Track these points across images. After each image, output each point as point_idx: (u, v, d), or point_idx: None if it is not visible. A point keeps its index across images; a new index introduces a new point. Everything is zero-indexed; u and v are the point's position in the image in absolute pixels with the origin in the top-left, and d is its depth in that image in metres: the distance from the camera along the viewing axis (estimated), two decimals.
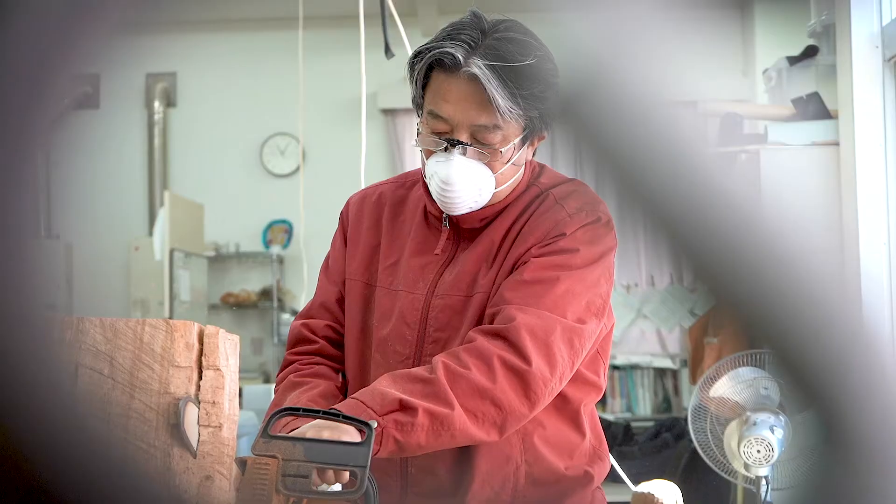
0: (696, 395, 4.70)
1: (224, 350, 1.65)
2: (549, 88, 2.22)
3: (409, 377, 2.09)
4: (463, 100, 2.21)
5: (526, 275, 2.22)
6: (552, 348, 2.14)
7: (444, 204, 2.30)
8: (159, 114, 9.40)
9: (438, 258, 2.36)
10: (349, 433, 1.91)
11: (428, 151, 2.30)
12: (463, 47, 2.19)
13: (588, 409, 2.42)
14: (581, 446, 2.39)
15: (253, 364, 9.02)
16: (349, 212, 2.53)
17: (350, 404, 2.02)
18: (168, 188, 9.13)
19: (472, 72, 2.17)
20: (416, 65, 2.27)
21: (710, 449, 4.65)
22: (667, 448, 6.76)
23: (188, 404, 1.58)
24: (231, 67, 9.34)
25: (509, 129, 2.23)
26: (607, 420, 7.32)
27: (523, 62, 2.18)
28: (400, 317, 2.34)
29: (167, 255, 8.21)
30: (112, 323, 1.56)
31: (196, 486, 1.59)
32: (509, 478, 2.31)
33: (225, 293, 9.41)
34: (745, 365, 4.58)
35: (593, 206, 2.32)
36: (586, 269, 2.24)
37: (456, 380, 2.06)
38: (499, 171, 2.27)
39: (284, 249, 9.31)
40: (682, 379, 8.23)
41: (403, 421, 2.00)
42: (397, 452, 2.03)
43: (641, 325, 8.33)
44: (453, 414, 2.04)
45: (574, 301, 2.21)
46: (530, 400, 2.12)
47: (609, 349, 2.45)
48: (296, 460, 1.79)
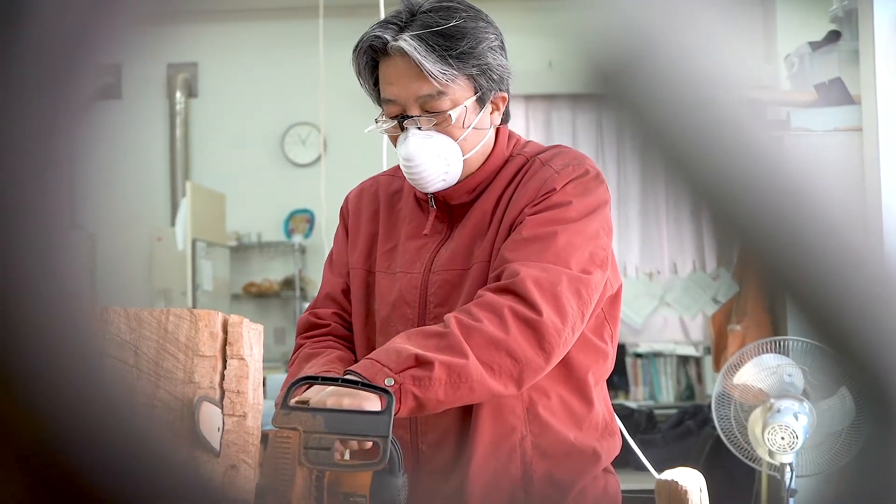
0: (719, 382, 4.69)
1: (248, 339, 1.65)
2: (480, 44, 2.26)
3: (422, 333, 2.10)
4: (402, 76, 2.26)
5: (524, 232, 2.24)
6: (560, 299, 2.15)
7: (414, 181, 2.33)
8: (181, 104, 9.41)
9: (432, 238, 2.38)
10: (369, 400, 1.90)
11: (393, 139, 2.35)
12: (392, 29, 2.26)
13: (598, 379, 2.41)
14: (589, 418, 2.38)
15: (276, 353, 9.03)
16: (348, 207, 2.58)
17: (365, 364, 2.02)
18: (190, 178, 9.15)
19: (399, 46, 2.22)
20: (356, 60, 2.34)
21: (733, 436, 4.64)
22: (690, 436, 6.75)
23: (203, 403, 1.58)
24: (252, 57, 9.34)
25: (455, 93, 2.27)
26: (630, 408, 7.30)
27: (447, 25, 2.23)
28: (399, 297, 2.36)
29: (189, 246, 8.23)
30: (136, 313, 1.56)
31: (221, 474, 1.60)
32: (515, 449, 2.30)
33: (247, 283, 9.43)
34: (768, 352, 4.57)
35: (579, 161, 2.34)
36: (583, 222, 2.25)
37: (470, 332, 2.06)
38: (460, 136, 2.30)
39: (306, 239, 9.32)
40: (706, 366, 8.20)
41: (420, 376, 2.00)
42: (417, 409, 2.03)
43: (664, 313, 8.30)
44: (468, 364, 2.03)
45: (576, 252, 2.21)
46: (545, 350, 2.12)
47: (617, 316, 2.44)
48: (317, 432, 1.77)
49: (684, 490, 2.10)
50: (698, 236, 8.31)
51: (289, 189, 9.31)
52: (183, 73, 9.44)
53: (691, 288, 8.01)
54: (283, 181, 9.36)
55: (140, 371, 1.54)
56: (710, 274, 8.08)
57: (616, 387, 8.04)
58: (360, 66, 2.33)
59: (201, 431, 1.57)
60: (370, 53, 2.30)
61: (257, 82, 9.36)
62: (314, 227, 9.26)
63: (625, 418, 6.25)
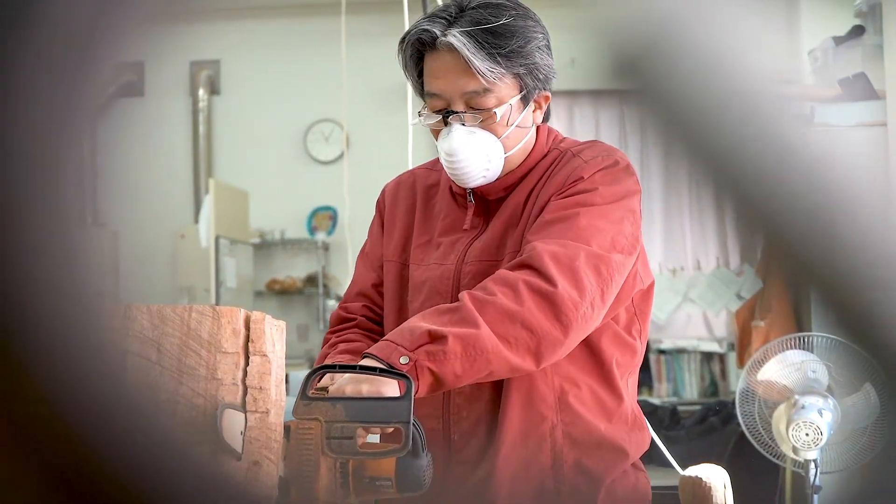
0: (743, 378, 4.68)
1: (270, 336, 1.65)
2: (528, 43, 2.26)
3: (436, 311, 2.09)
4: (449, 71, 2.26)
5: (547, 216, 2.24)
6: (577, 272, 2.13)
7: (455, 176, 2.33)
8: (203, 101, 9.43)
9: (468, 232, 2.38)
10: (388, 385, 1.90)
11: (435, 132, 2.35)
12: (440, 23, 2.25)
13: (625, 372, 2.40)
14: (619, 411, 2.38)
15: (299, 350, 9.05)
16: (385, 199, 2.58)
17: (381, 345, 2.01)
18: (213, 176, 9.17)
19: (449, 41, 2.22)
20: (402, 52, 2.34)
21: (758, 433, 4.63)
22: (714, 432, 6.73)
23: (225, 411, 1.58)
24: (274, 54, 9.36)
25: (501, 91, 2.27)
26: (654, 404, 7.29)
27: (497, 22, 2.23)
28: (432, 288, 2.36)
29: (213, 243, 8.25)
30: (159, 310, 1.57)
31: (244, 471, 1.60)
32: (545, 438, 2.30)
33: (270, 280, 9.44)
34: (792, 348, 4.55)
35: (610, 153, 2.34)
36: (607, 207, 2.24)
37: (483, 306, 2.05)
38: (503, 134, 2.30)
39: (329, 236, 9.33)
40: (729, 362, 8.19)
41: (434, 350, 1.98)
42: (436, 385, 2.01)
43: (688, 309, 8.29)
44: (481, 333, 2.01)
45: (598, 234, 2.20)
46: (562, 323, 2.09)
47: (648, 312, 2.44)
48: (338, 421, 1.77)
49: (708, 486, 2.09)
50: (722, 232, 8.30)
51: (312, 186, 9.32)
52: (206, 70, 9.46)
53: (715, 284, 7.99)
54: (306, 178, 9.37)
55: (163, 368, 1.55)
56: (733, 270, 8.07)
57: (640, 383, 8.00)
58: (405, 57, 2.33)
59: (224, 438, 1.57)
60: (417, 46, 2.30)
61: (280, 79, 9.37)
62: (337, 224, 9.27)
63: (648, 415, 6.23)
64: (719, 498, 2.10)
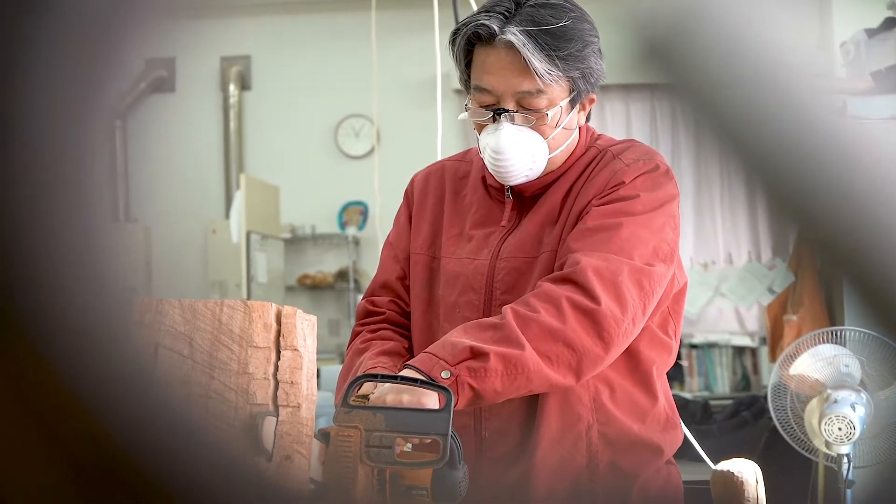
0: (775, 372, 4.66)
1: (302, 330, 1.66)
2: (586, 47, 2.25)
3: (479, 326, 2.09)
4: (504, 69, 2.24)
5: (589, 223, 2.23)
6: (621, 288, 2.13)
7: (499, 174, 2.32)
8: (234, 97, 9.46)
9: (504, 228, 2.37)
10: (429, 397, 1.91)
11: (479, 126, 2.34)
12: (498, 18, 2.23)
13: (661, 372, 2.40)
14: (653, 411, 2.38)
15: (330, 345, 9.07)
16: (414, 189, 2.57)
17: (422, 358, 2.02)
18: (244, 171, 9.19)
19: (508, 39, 2.20)
20: (456, 43, 2.31)
21: (790, 427, 4.61)
22: (746, 426, 6.71)
23: (266, 419, 1.59)
24: (304, 50, 9.37)
25: (554, 93, 2.25)
26: (685, 398, 7.27)
27: (558, 24, 2.21)
28: (466, 283, 2.36)
29: (244, 238, 8.27)
30: (191, 304, 1.57)
31: (275, 465, 1.60)
32: (582, 437, 2.30)
33: (301, 275, 9.47)
34: (825, 342, 4.53)
35: (650, 156, 2.33)
36: (649, 215, 2.24)
37: (526, 323, 2.05)
38: (550, 135, 2.29)
39: (360, 231, 9.34)
40: (761, 357, 8.16)
41: (476, 367, 1.99)
42: (475, 401, 2.03)
43: (719, 303, 8.27)
44: (525, 354, 2.02)
45: (640, 245, 2.20)
46: (604, 340, 2.10)
47: (681, 311, 2.44)
48: (377, 430, 1.78)
49: (741, 481, 2.08)
50: (753, 226, 8.26)
51: (342, 181, 9.33)
52: (236, 65, 9.49)
53: (747, 278, 7.96)
54: (337, 173, 9.39)
55: (194, 362, 1.55)
56: (765, 264, 8.03)
57: (671, 377, 7.99)
58: (457, 48, 2.31)
59: (265, 446, 1.58)
60: (470, 38, 2.28)
61: (310, 75, 9.39)
62: (368, 219, 9.28)
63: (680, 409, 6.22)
64: (751, 492, 2.10)
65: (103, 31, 0.73)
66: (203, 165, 9.40)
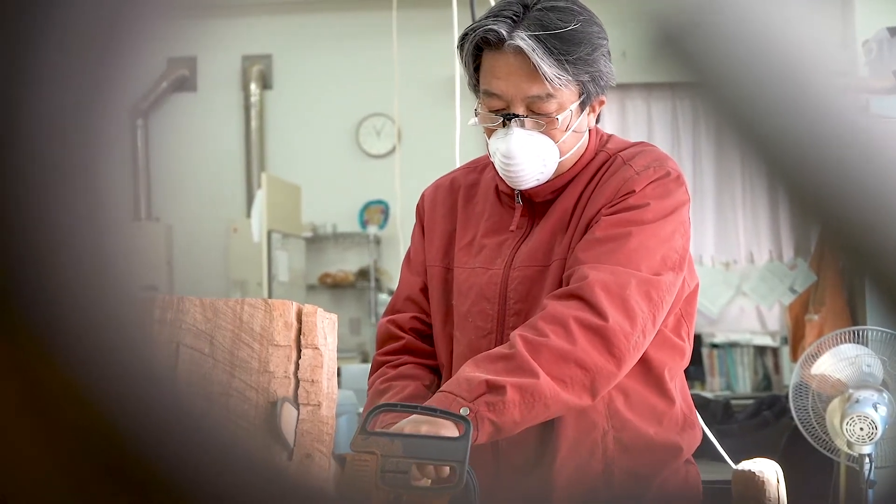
0: (797, 372, 4.65)
1: (322, 329, 1.66)
2: (595, 51, 2.24)
3: (489, 358, 2.09)
4: (513, 73, 2.23)
5: (598, 233, 2.22)
6: (629, 302, 2.13)
7: (510, 178, 2.31)
8: (255, 96, 9.48)
9: (514, 234, 2.37)
10: (447, 427, 1.91)
11: (489, 131, 2.33)
12: (506, 23, 2.21)
13: (675, 374, 2.40)
14: (670, 413, 2.37)
15: (351, 344, 9.08)
16: (424, 204, 2.57)
17: (439, 398, 2.03)
18: (265, 170, 9.21)
19: (517, 44, 2.19)
20: (464, 47, 2.30)
21: (811, 427, 4.60)
22: (767, 426, 6.69)
23: (285, 405, 1.59)
24: (326, 49, 9.38)
25: (563, 97, 2.24)
26: (706, 398, 7.25)
27: (566, 28, 2.20)
28: (479, 293, 2.35)
29: (265, 237, 8.29)
30: (212, 303, 1.58)
31: (296, 463, 1.61)
32: (598, 444, 2.30)
33: (322, 273, 9.48)
34: (847, 342, 4.52)
35: (661, 163, 2.32)
36: (658, 224, 2.23)
37: (537, 349, 2.05)
38: (560, 139, 2.28)
39: (381, 230, 9.35)
40: (783, 356, 8.14)
41: (494, 401, 1.99)
42: (496, 434, 2.03)
43: (741, 303, 8.24)
44: (540, 382, 2.02)
45: (648, 255, 2.20)
46: (615, 356, 2.10)
47: (693, 313, 2.43)
48: (394, 456, 1.79)
49: (762, 480, 2.08)
50: (775, 225, 8.24)
51: (363, 180, 9.34)
52: (258, 64, 9.50)
53: (768, 277, 7.94)
54: (358, 172, 9.39)
55: (215, 360, 1.56)
56: (787, 263, 8.00)
57: (692, 377, 7.98)
58: (465, 53, 2.30)
59: (282, 431, 1.58)
60: (478, 43, 2.27)
61: (332, 73, 9.40)
62: (389, 218, 9.29)
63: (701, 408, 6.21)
64: (772, 492, 2.09)
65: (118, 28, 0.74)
66: (224, 164, 9.42)
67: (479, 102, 2.33)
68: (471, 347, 2.29)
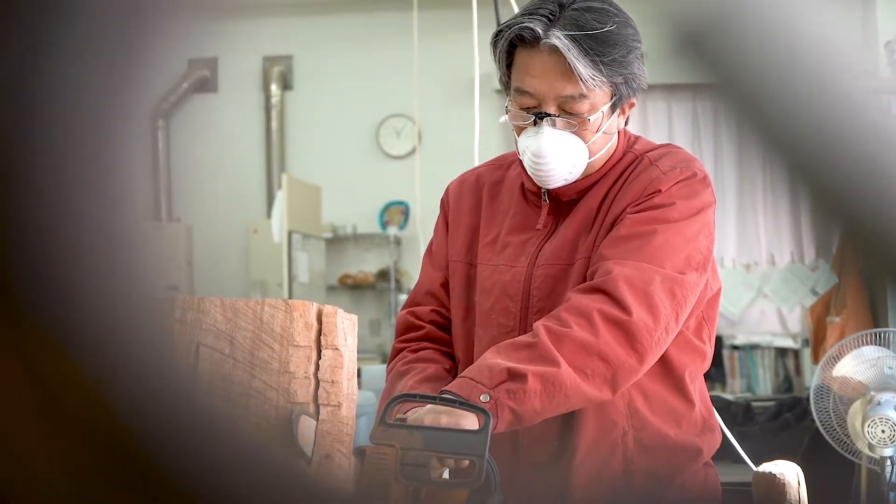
0: (818, 374, 4.64)
1: (342, 329, 1.66)
2: (630, 53, 2.23)
3: (512, 346, 2.08)
4: (547, 72, 2.22)
5: (622, 230, 2.22)
6: (652, 298, 2.12)
7: (539, 177, 2.31)
8: (276, 97, 9.49)
9: (539, 232, 2.36)
10: (467, 419, 1.90)
11: (519, 128, 2.32)
12: (542, 21, 2.20)
13: (695, 377, 2.39)
14: (689, 416, 2.37)
15: (371, 345, 9.08)
16: (449, 197, 2.56)
17: (459, 383, 2.02)
18: (285, 171, 9.22)
19: (553, 43, 2.18)
20: (498, 44, 2.29)
21: (832, 429, 4.59)
22: (788, 428, 6.68)
23: (301, 417, 1.59)
24: (346, 50, 9.39)
25: (596, 98, 2.24)
26: (727, 400, 7.24)
27: (602, 29, 2.19)
28: (502, 290, 2.35)
29: (285, 237, 8.30)
30: (232, 303, 1.58)
31: (316, 464, 1.61)
32: (618, 443, 2.29)
33: (342, 274, 9.49)
34: (868, 344, 4.51)
35: (688, 163, 2.31)
36: (684, 223, 2.23)
37: (559, 339, 2.05)
38: (590, 140, 2.27)
39: (401, 230, 9.35)
40: (804, 358, 8.12)
41: (514, 389, 1.99)
42: (515, 422, 2.02)
43: (762, 305, 8.22)
44: (561, 371, 2.02)
45: (672, 253, 2.19)
46: (637, 351, 2.09)
47: (715, 316, 2.42)
48: (414, 449, 1.78)
49: (783, 483, 2.08)
50: (796, 226, 8.22)
51: (384, 181, 9.35)
52: (278, 65, 9.52)
53: (789, 279, 7.92)
54: (378, 173, 9.40)
55: (236, 361, 1.56)
56: (808, 265, 7.99)
57: (713, 379, 7.97)
58: (499, 49, 2.29)
59: (299, 444, 1.58)
60: (512, 40, 2.26)
61: (352, 74, 9.41)
62: (409, 219, 9.29)
63: (722, 410, 6.20)
64: (793, 495, 2.09)
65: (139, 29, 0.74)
66: (245, 165, 9.44)
67: (509, 100, 2.32)
68: (493, 344, 2.29)
